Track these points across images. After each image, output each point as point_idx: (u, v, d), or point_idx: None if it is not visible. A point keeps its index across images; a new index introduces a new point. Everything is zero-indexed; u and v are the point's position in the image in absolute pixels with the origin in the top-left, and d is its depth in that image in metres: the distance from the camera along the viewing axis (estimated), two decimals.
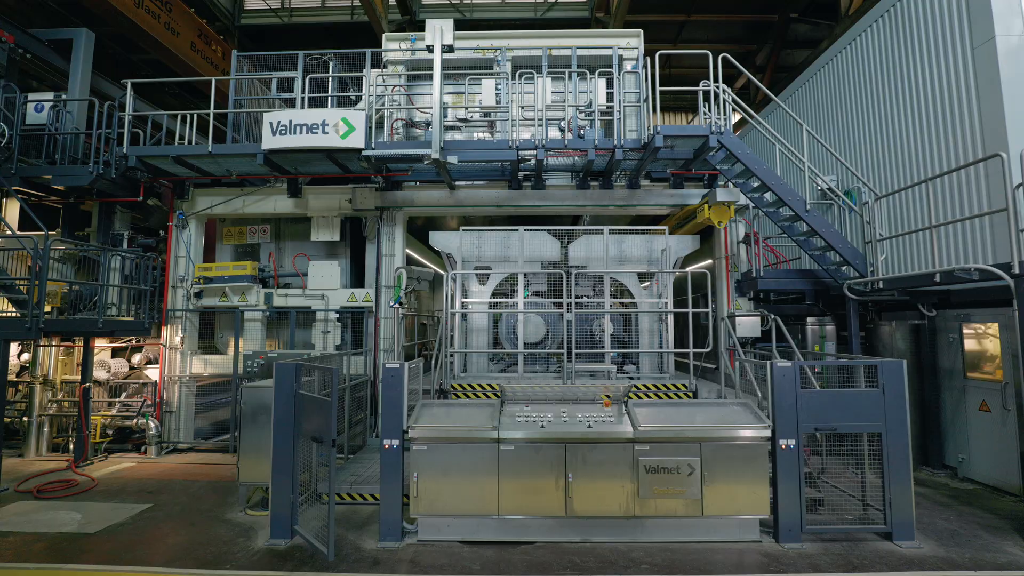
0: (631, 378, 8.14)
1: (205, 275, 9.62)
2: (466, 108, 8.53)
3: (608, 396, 5.58)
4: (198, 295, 9.73)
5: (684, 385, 7.24)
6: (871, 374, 5.46)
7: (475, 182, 9.63)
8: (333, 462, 4.80)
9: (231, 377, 9.29)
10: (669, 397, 7.25)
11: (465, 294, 8.66)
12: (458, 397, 7.35)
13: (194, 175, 9.35)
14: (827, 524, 5.43)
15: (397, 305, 5.77)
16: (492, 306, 8.51)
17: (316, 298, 9.55)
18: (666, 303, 8.13)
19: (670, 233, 8.42)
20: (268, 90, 9.88)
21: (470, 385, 7.33)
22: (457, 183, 9.49)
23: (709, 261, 10.09)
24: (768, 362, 5.34)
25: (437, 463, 5.29)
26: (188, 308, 9.68)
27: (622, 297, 8.81)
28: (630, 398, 5.64)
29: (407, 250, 10.13)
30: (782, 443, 5.22)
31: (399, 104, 9.64)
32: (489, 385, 7.34)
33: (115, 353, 10.22)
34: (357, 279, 10.26)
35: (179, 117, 9.76)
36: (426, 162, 8.12)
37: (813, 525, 5.32)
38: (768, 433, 5.21)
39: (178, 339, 9.60)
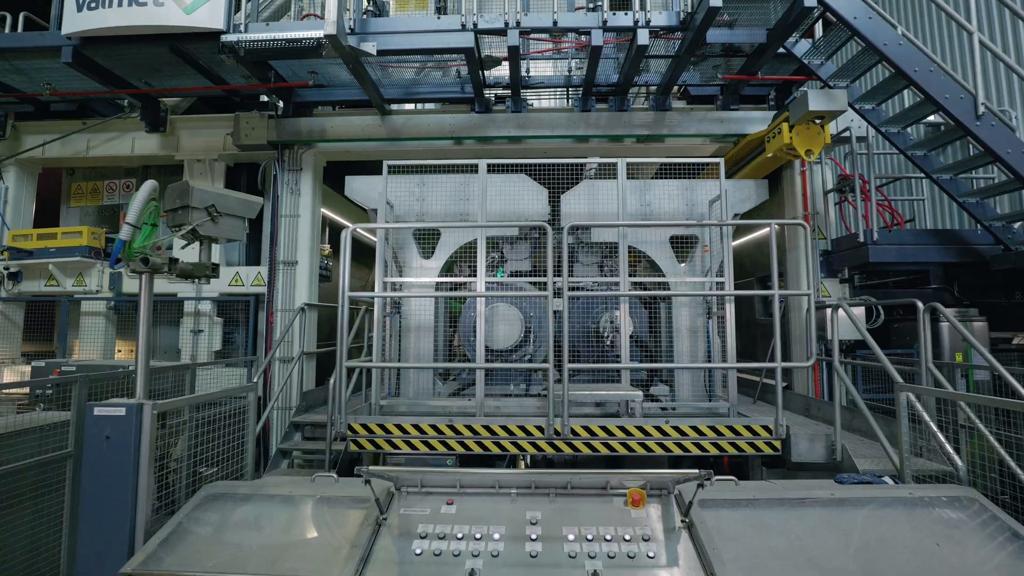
0: (664, 408, 4.94)
1: (20, 246, 6.46)
2: None
3: (639, 488, 2.35)
4: (14, 276, 6.58)
5: (767, 429, 4.01)
6: None
7: (423, 106, 6.45)
8: None
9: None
10: (739, 451, 4.02)
11: (400, 271, 5.49)
12: (359, 448, 4.15)
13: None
14: None
15: (131, 262, 2.56)
16: (444, 292, 5.34)
17: (184, 280, 6.36)
18: (722, 283, 4.89)
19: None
20: None
21: (382, 428, 4.13)
22: (394, 106, 6.30)
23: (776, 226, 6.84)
24: None
25: None
26: None
27: (648, 276, 5.60)
28: (699, 486, 2.35)
29: (324, 210, 6.96)
30: None
31: None
32: (415, 428, 4.13)
33: None
34: (258, 255, 7.08)
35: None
36: (325, 53, 4.94)
37: None
38: None
39: None
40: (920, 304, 4.10)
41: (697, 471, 2.10)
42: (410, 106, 6.68)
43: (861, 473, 2.85)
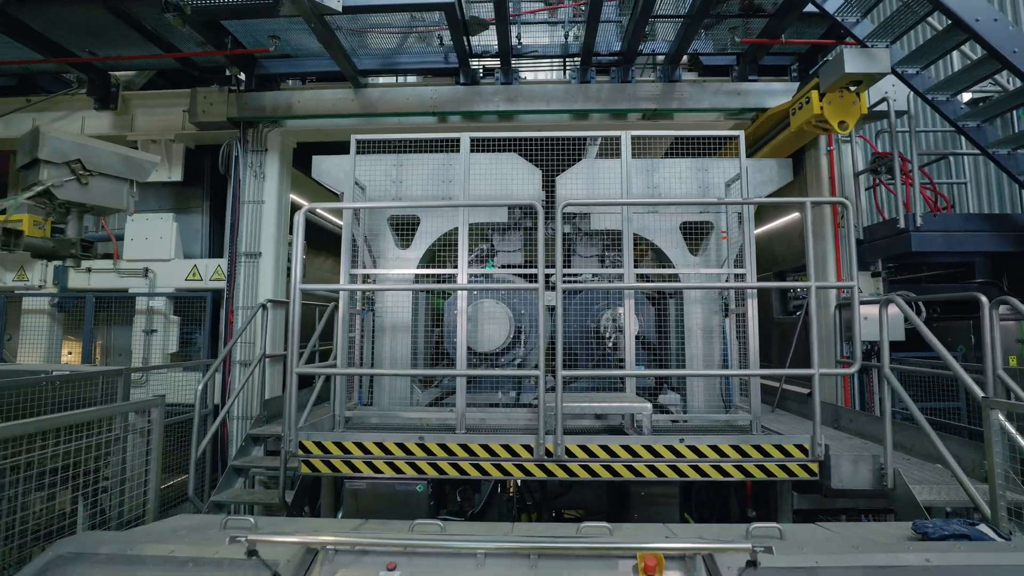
0: (675, 420, 4.26)
1: None
2: None
3: (655, 552, 1.67)
4: None
5: (803, 450, 3.33)
6: None
7: (404, 79, 5.78)
8: None
9: None
10: (768, 476, 3.35)
11: (375, 262, 4.81)
12: (313, 471, 3.48)
13: None
14: None
15: None
16: (418, 285, 4.66)
17: (136, 275, 5.71)
18: (743, 276, 4.20)
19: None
20: None
21: (339, 446, 3.45)
22: (371, 79, 5.62)
23: (796, 215, 6.17)
24: None
25: None
26: None
27: (655, 268, 4.93)
28: (750, 560, 1.65)
29: (296, 197, 6.29)
30: None
31: None
32: (380, 447, 3.46)
33: None
34: (221, 246, 6.41)
35: None
36: (283, 12, 4.27)
37: None
38: None
39: None
40: (984, 299, 3.41)
41: (750, 547, 1.43)
42: (391, 80, 6.01)
43: (945, 520, 2.17)
